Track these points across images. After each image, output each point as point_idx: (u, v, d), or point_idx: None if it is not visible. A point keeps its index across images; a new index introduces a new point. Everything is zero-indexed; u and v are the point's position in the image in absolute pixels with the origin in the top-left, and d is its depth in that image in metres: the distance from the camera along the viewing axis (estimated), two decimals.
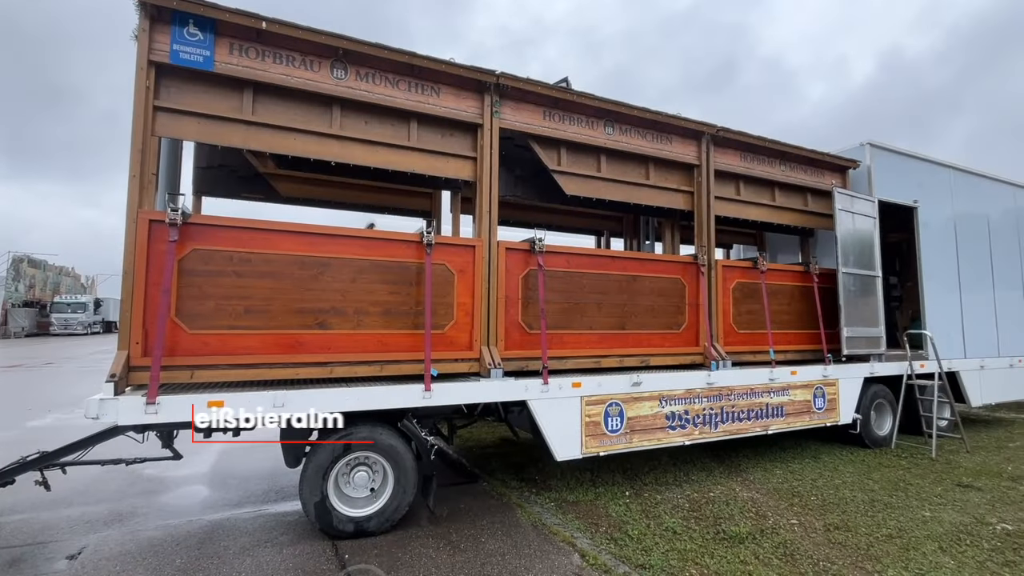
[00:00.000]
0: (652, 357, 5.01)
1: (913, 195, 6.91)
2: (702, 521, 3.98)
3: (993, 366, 7.53)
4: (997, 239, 7.86)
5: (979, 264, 7.57)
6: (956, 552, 3.48)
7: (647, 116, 5.03)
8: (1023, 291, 8.05)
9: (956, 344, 7.15)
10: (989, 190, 8.01)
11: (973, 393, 7.26)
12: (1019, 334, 7.93)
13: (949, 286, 7.19)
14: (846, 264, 5.98)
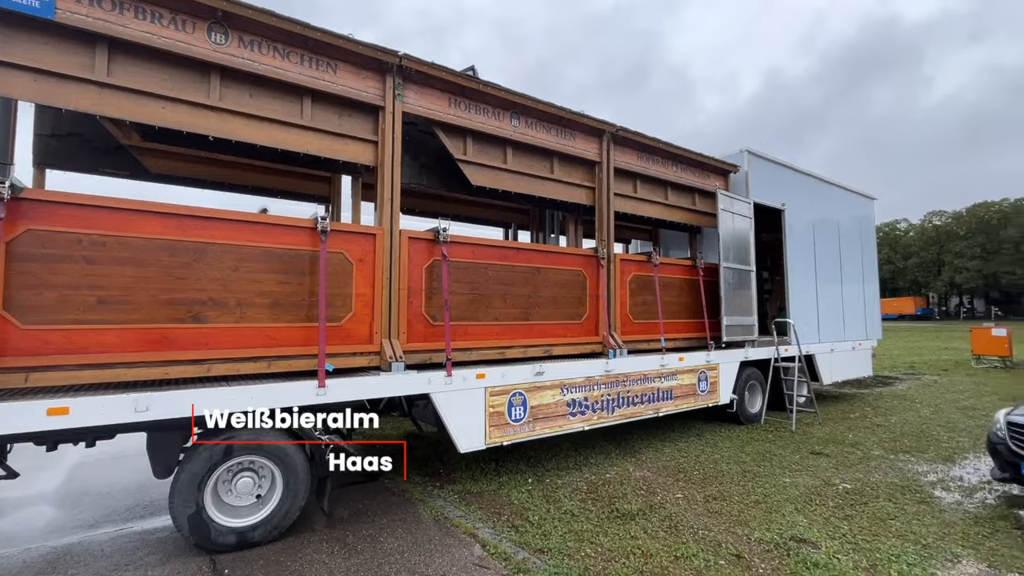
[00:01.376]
0: (555, 347, 5.16)
1: (782, 199, 7.78)
2: (598, 502, 4.18)
3: (840, 349, 8.76)
4: (845, 241, 9.13)
5: (831, 262, 8.74)
6: (808, 511, 3.98)
7: (552, 111, 5.12)
8: (861, 285, 9.45)
9: (813, 331, 8.20)
10: (840, 198, 9.27)
11: (825, 373, 8.39)
12: (859, 321, 9.31)
13: (808, 280, 8.22)
14: (727, 259, 6.59)
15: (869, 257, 9.89)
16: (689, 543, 3.41)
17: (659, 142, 6.14)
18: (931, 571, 3.05)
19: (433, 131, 4.61)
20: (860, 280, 9.43)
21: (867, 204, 10.05)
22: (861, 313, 9.38)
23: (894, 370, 13.75)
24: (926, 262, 66.17)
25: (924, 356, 17.62)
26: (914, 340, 25.86)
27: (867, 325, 9.54)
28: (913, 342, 24.46)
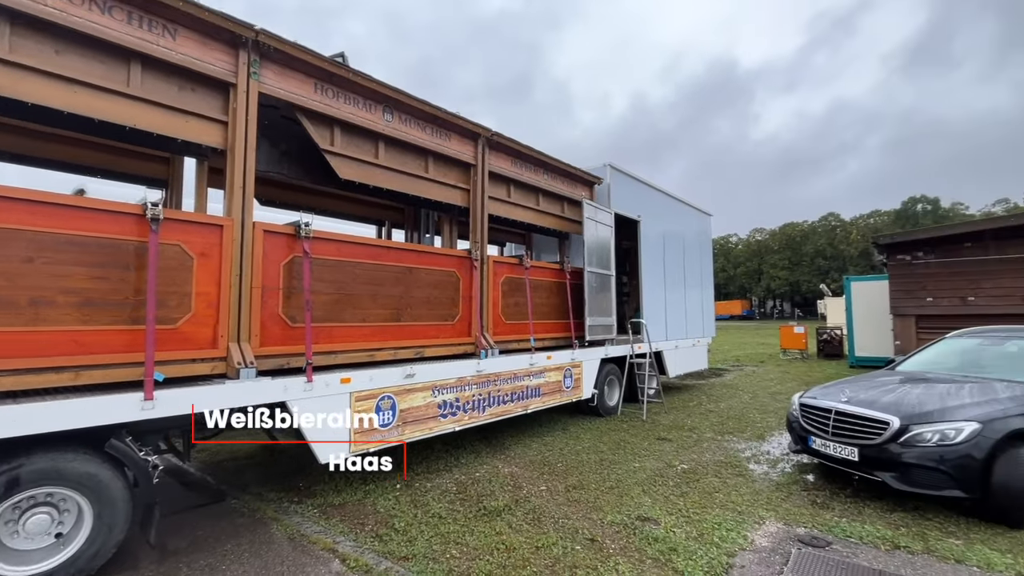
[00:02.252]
0: (427, 348, 5.09)
1: (638, 211, 8.61)
2: (467, 502, 4.21)
3: (683, 346, 9.96)
4: (688, 251, 10.41)
5: (677, 269, 9.90)
6: (652, 491, 4.45)
7: (427, 109, 5.06)
8: (700, 290, 10.86)
9: (662, 330, 9.20)
10: (686, 213, 10.55)
11: (671, 367, 9.47)
12: (698, 321, 10.68)
13: (659, 285, 9.20)
14: (591, 264, 7.10)
15: (707, 265, 11.40)
16: (550, 533, 3.59)
17: (532, 150, 6.41)
18: (744, 533, 3.60)
19: (296, 117, 4.26)
20: (699, 285, 10.82)
21: (706, 219, 11.58)
22: (700, 314, 10.77)
23: (724, 363, 16.02)
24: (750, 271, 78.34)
25: (746, 350, 20.82)
26: (739, 337, 30.40)
27: (704, 324, 10.99)
28: (739, 339, 28.77)
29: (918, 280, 10.46)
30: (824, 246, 68.92)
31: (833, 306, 23.26)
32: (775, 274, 72.94)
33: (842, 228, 69.75)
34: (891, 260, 10.90)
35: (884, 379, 5.09)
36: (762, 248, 78.59)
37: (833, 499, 4.25)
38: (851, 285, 14.86)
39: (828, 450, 4.44)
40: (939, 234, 10.86)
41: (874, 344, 13.54)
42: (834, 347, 17.13)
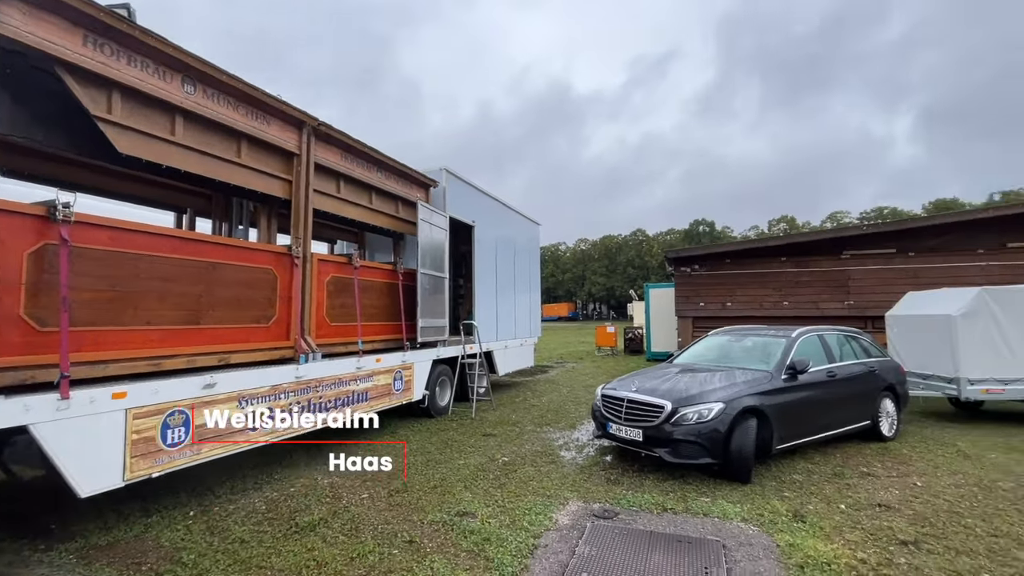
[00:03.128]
0: (234, 354, 4.54)
1: (473, 216, 8.92)
2: (277, 520, 3.87)
3: (512, 345, 10.60)
4: (519, 256, 11.12)
5: (509, 273, 10.51)
6: (474, 486, 4.65)
7: (241, 87, 4.53)
8: (529, 294, 11.70)
9: (493, 331, 9.66)
10: (517, 221, 11.26)
11: (502, 366, 10.00)
12: (526, 322, 11.48)
13: (491, 288, 9.65)
14: (424, 266, 7.13)
15: (535, 271, 12.32)
16: (367, 541, 3.51)
17: (365, 146, 6.18)
18: (550, 515, 3.98)
19: (56, 72, 3.44)
20: (528, 289, 11.64)
21: (535, 228, 12.51)
22: (528, 316, 11.59)
23: (549, 360, 17.49)
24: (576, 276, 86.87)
25: (569, 348, 23.04)
26: (564, 336, 33.47)
27: (531, 325, 11.86)
28: (564, 338, 31.68)
29: (695, 288, 12.83)
30: (634, 257, 79.89)
31: (638, 309, 27.13)
32: (595, 280, 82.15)
33: (647, 242, 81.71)
34: (677, 271, 13.17)
35: (665, 370, 6.11)
36: (586, 256, 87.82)
37: (623, 476, 4.96)
38: (650, 291, 17.50)
39: (622, 433, 5.16)
40: (708, 252, 13.47)
41: (665, 341, 16.15)
42: (637, 344, 19.96)
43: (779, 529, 3.69)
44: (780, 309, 11.96)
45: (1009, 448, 5.81)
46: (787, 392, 5.26)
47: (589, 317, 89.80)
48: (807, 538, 3.52)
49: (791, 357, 5.55)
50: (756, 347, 6.18)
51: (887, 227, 12.60)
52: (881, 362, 6.55)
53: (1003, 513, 3.96)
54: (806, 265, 11.98)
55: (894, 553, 3.33)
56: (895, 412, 6.39)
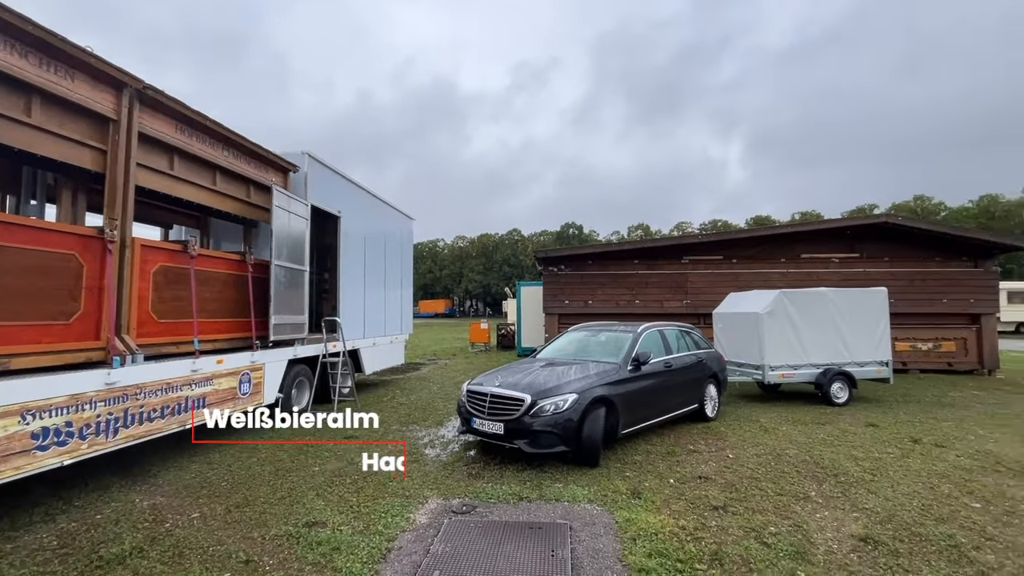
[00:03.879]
0: (16, 358, 3.70)
1: (339, 206, 8.40)
2: (73, 555, 3.24)
3: (381, 343, 10.24)
4: (390, 251, 10.77)
5: (378, 268, 10.11)
6: (328, 493, 4.37)
7: (31, 30, 3.69)
8: (400, 290, 11.40)
9: (360, 328, 9.22)
10: (389, 214, 10.88)
11: (368, 364, 9.59)
12: (397, 319, 11.17)
13: (359, 283, 9.20)
14: (279, 257, 6.52)
15: (407, 267, 12.04)
16: (193, 568, 3.09)
17: (207, 119, 5.46)
18: (408, 515, 3.90)
19: None
20: (399, 285, 11.33)
21: (409, 222, 12.22)
22: (399, 312, 11.28)
23: (423, 357, 17.26)
24: (453, 273, 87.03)
25: (443, 345, 22.98)
26: (440, 333, 33.33)
27: (403, 322, 11.57)
28: (439, 335, 31.53)
29: (561, 287, 13.63)
30: (510, 255, 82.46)
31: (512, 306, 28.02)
32: (473, 277, 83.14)
33: (522, 242, 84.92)
34: (546, 270, 13.86)
35: (528, 365, 6.37)
36: (463, 253, 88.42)
37: (485, 469, 5.06)
38: (521, 289, 18.17)
39: (485, 428, 5.26)
40: (573, 253, 14.39)
41: (534, 337, 16.91)
42: (509, 340, 20.60)
43: (619, 507, 4.06)
44: (633, 307, 13.24)
45: (795, 421, 7.12)
46: (632, 382, 5.82)
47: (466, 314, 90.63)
48: (641, 512, 3.92)
49: (636, 350, 6.15)
50: (608, 341, 6.74)
51: (717, 237, 14.69)
52: (708, 353, 7.58)
53: (787, 475, 4.83)
54: (654, 268, 13.43)
55: (707, 517, 3.86)
56: (717, 396, 7.45)
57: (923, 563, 3.18)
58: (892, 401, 8.67)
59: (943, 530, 3.62)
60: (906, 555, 3.28)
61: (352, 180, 9.03)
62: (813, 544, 3.43)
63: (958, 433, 6.41)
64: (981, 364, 12.30)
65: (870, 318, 8.76)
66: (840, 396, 8.24)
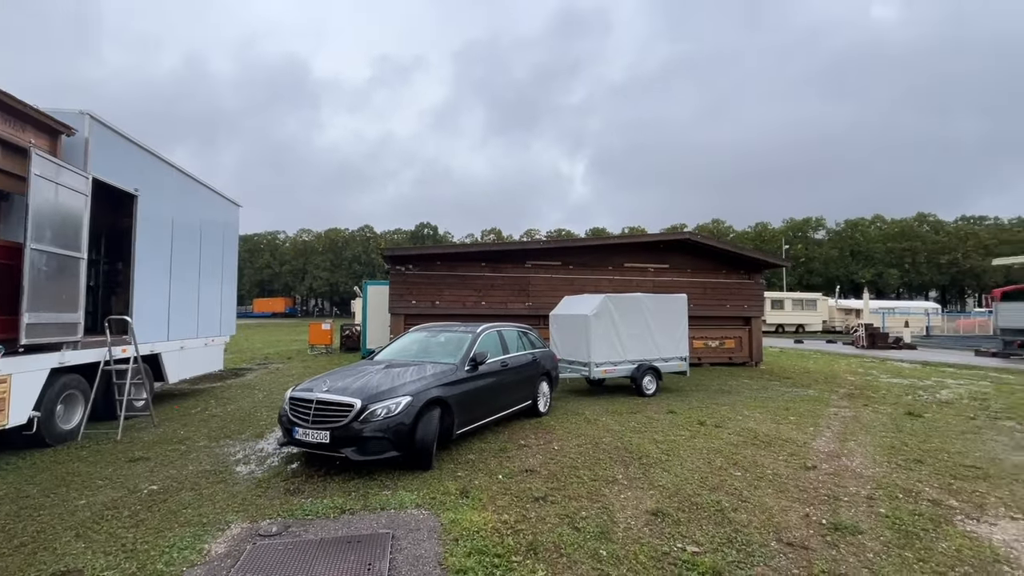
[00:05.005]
0: None
1: (137, 183, 7.03)
2: None
3: (192, 346, 8.84)
4: (208, 241, 9.36)
5: (190, 259, 8.71)
6: (93, 531, 3.56)
7: None
8: (220, 286, 10.00)
9: (162, 329, 7.83)
10: (209, 198, 9.46)
11: (173, 371, 8.20)
12: (215, 319, 9.76)
13: (162, 276, 7.81)
14: (40, 240, 5.19)
15: (230, 260, 10.61)
16: None
17: None
18: (201, 546, 3.36)
19: None
20: (219, 280, 9.92)
21: (234, 210, 10.79)
22: (217, 311, 9.87)
23: (251, 361, 15.42)
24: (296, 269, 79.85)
25: (279, 348, 20.87)
26: (276, 335, 30.26)
27: (222, 322, 10.15)
28: (275, 336, 28.60)
29: (408, 287, 13.34)
30: (361, 253, 78.57)
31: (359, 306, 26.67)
32: (318, 274, 77.24)
33: (375, 239, 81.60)
34: (393, 269, 13.44)
35: (363, 367, 6.04)
36: (308, 248, 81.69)
37: (307, 483, 4.64)
38: (368, 288, 17.38)
39: (308, 438, 4.83)
40: (421, 253, 14.21)
41: (380, 338, 16.27)
42: (354, 341, 19.53)
43: (447, 508, 4.04)
44: (479, 308, 13.54)
45: (613, 412, 7.95)
46: (469, 381, 5.90)
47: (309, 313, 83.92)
48: (467, 512, 3.95)
49: (474, 351, 6.26)
50: (448, 342, 6.74)
51: (556, 244, 15.85)
52: (542, 352, 8.07)
53: (601, 462, 5.33)
54: (500, 271, 13.93)
55: (528, 509, 4.05)
56: (549, 392, 7.97)
57: (696, 528, 3.74)
58: (688, 390, 10.23)
59: (713, 497, 4.32)
60: (685, 522, 3.83)
61: (156, 154, 7.64)
62: (615, 523, 3.81)
63: (731, 415, 7.80)
64: (751, 357, 15.25)
65: (674, 320, 10.22)
66: (650, 388, 9.45)
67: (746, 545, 3.46)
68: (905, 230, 62.96)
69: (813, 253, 64.42)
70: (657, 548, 3.41)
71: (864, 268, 61.22)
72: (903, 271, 61.30)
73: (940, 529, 3.75)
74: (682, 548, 3.40)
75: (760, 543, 3.49)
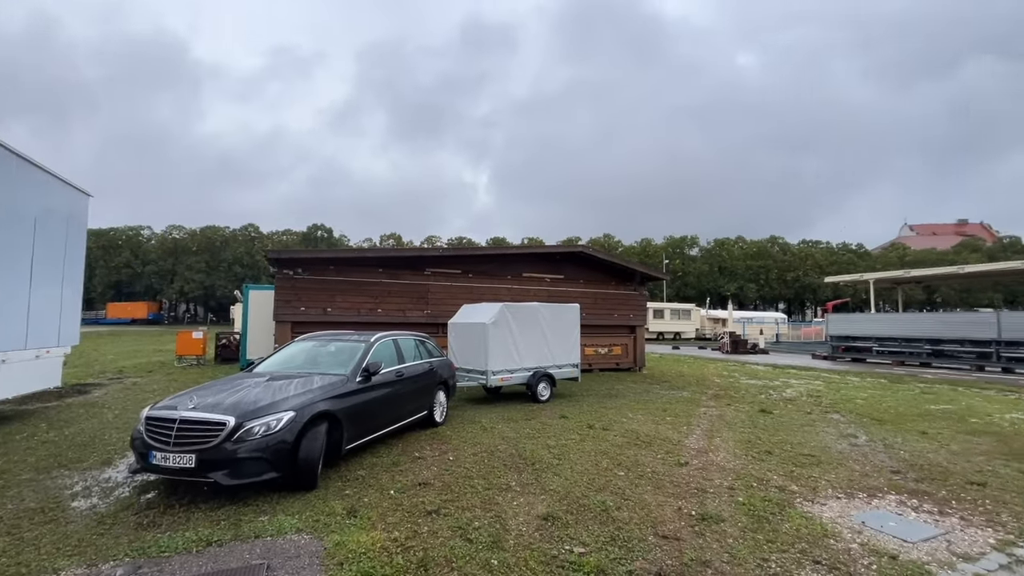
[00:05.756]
0: None
1: None
2: None
3: (17, 359, 7.39)
4: (46, 234, 7.92)
5: (18, 256, 7.30)
6: None
7: None
8: (61, 288, 8.51)
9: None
10: (51, 187, 8.02)
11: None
12: (51, 327, 8.27)
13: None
14: None
15: (75, 258, 9.08)
16: None
17: None
18: None
19: None
20: (58, 280, 8.44)
21: (82, 200, 9.27)
22: (55, 316, 8.38)
23: (101, 376, 13.30)
24: (163, 270, 70.62)
25: (138, 359, 18.26)
26: (136, 344, 26.48)
27: (62, 331, 8.63)
28: (134, 346, 25.00)
29: (297, 292, 12.42)
30: (243, 254, 71.71)
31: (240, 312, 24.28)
32: (191, 276, 69.04)
33: (260, 240, 75.05)
34: (280, 273, 12.43)
35: (241, 380, 5.49)
36: (179, 247, 72.76)
37: (165, 515, 4.07)
38: (250, 293, 15.91)
39: (169, 462, 4.25)
40: (313, 256, 13.38)
41: (264, 348, 14.92)
42: (232, 351, 17.72)
43: (332, 530, 3.80)
44: (375, 315, 13.02)
45: (509, 419, 8.08)
46: (361, 393, 5.62)
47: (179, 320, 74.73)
48: (354, 532, 3.74)
49: (367, 360, 5.99)
50: (339, 351, 6.39)
51: (456, 252, 15.84)
52: (440, 361, 7.96)
53: (496, 470, 5.38)
54: (398, 278, 13.54)
55: (420, 524, 3.94)
56: (446, 401, 7.88)
57: (583, 529, 3.91)
58: (579, 396, 10.73)
59: (599, 498, 4.55)
60: (573, 524, 3.98)
61: None
62: (508, 531, 3.85)
63: (617, 417, 8.33)
64: (636, 363, 16.44)
65: (568, 328, 10.69)
66: (544, 394, 9.76)
67: (627, 541, 3.68)
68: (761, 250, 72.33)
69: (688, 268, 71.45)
70: (547, 552, 3.50)
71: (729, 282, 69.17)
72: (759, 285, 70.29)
73: (784, 512, 4.31)
74: (570, 550, 3.53)
75: (639, 538, 3.74)
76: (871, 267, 60.44)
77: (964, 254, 64.81)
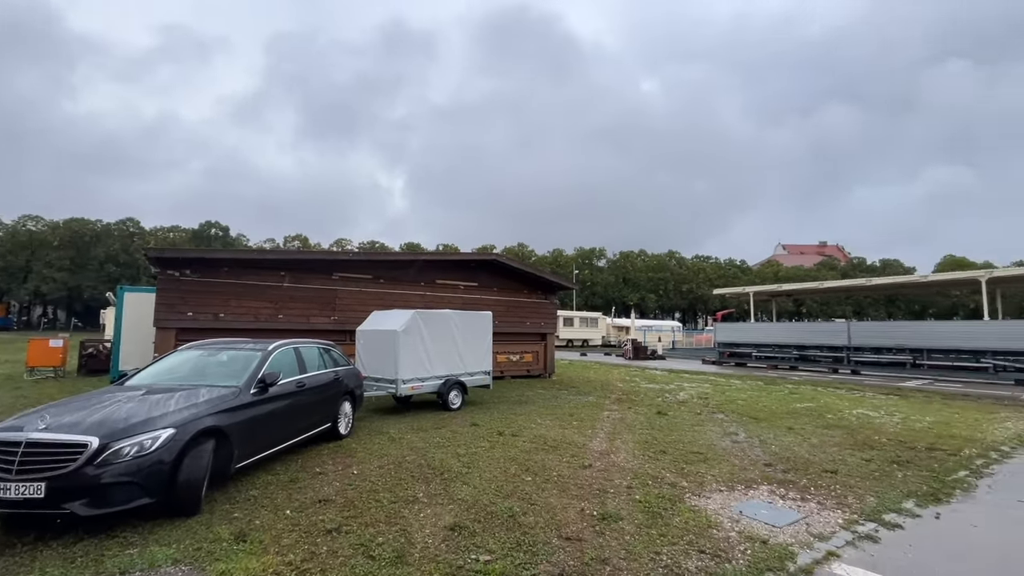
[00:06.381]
0: None
1: None
2: None
3: None
4: None
5: None
6: None
7: None
8: None
9: None
10: None
11: None
12: None
13: None
14: None
15: None
16: None
17: None
18: None
19: None
20: None
21: None
22: None
23: None
24: (12, 267, 60.40)
25: None
26: None
27: None
28: None
29: (183, 295, 11.22)
30: (118, 252, 63.49)
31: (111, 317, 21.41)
32: (51, 275, 59.70)
33: (141, 236, 66.99)
34: (163, 274, 11.16)
35: (110, 395, 4.84)
36: (36, 241, 62.67)
37: (2, 556, 3.47)
38: (124, 295, 14.11)
39: (9, 494, 3.63)
40: (203, 256, 12.22)
41: (141, 357, 13.29)
42: (101, 361, 15.56)
43: (216, 558, 3.46)
44: (276, 322, 12.14)
45: (418, 429, 7.91)
46: (255, 406, 5.21)
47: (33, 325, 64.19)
48: (243, 559, 3.45)
49: (264, 371, 5.57)
50: (232, 361, 5.88)
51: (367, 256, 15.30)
52: (346, 370, 7.61)
53: (403, 482, 5.23)
54: (303, 282, 12.75)
55: (319, 544, 3.73)
56: (351, 412, 7.54)
57: (490, 536, 3.93)
58: (490, 403, 10.80)
59: (507, 504, 4.61)
60: (480, 533, 3.99)
61: None
62: (413, 544, 3.76)
63: (527, 423, 8.49)
64: (546, 370, 16.91)
65: (480, 336, 10.74)
66: (455, 402, 9.70)
67: (532, 546, 3.76)
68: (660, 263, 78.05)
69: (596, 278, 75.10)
70: (452, 563, 3.47)
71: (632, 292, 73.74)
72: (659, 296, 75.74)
73: (675, 507, 4.65)
74: (476, 559, 3.53)
75: (544, 542, 3.84)
76: (751, 281, 67.70)
77: (824, 271, 74.86)
